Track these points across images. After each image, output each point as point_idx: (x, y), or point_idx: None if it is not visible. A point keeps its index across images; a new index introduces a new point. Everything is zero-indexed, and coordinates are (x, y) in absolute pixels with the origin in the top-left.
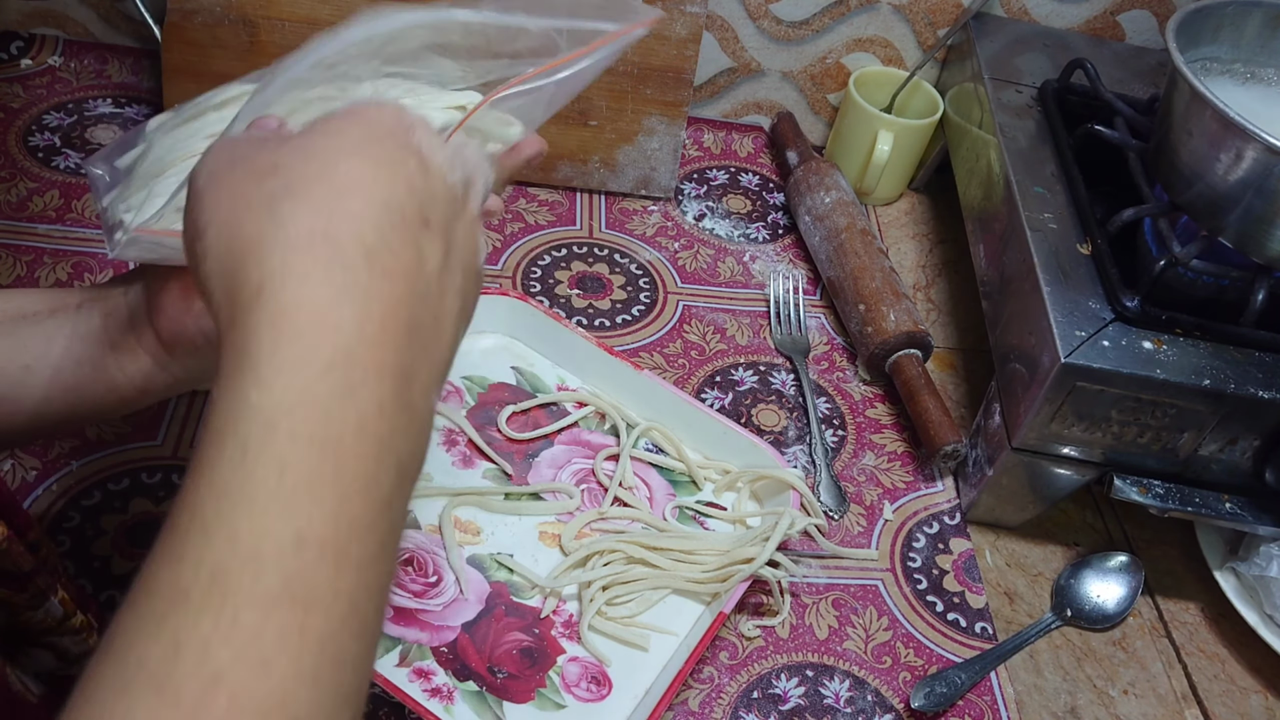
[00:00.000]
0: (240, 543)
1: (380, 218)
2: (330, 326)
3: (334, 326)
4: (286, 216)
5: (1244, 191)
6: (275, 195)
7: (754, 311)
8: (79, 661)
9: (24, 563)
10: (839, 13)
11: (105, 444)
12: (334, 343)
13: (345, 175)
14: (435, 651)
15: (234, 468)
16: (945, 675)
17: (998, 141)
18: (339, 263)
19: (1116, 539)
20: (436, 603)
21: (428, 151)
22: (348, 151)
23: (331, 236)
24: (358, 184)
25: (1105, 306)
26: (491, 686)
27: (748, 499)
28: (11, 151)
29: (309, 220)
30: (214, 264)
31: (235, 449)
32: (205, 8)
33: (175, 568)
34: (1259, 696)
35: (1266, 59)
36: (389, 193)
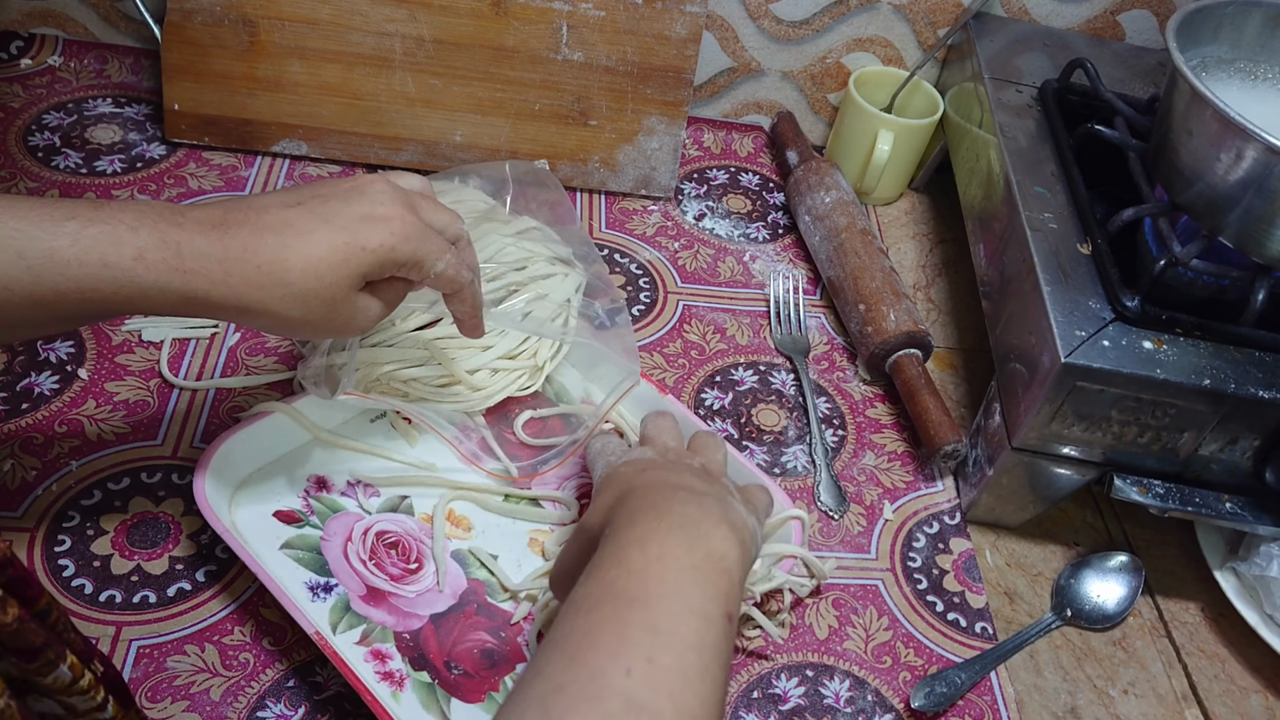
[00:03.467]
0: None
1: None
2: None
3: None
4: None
5: (1244, 191)
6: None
7: (754, 311)
8: (85, 716)
9: (35, 639)
10: (839, 12)
11: (105, 444)
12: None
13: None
14: (397, 636)
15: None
16: (945, 675)
17: (998, 141)
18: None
19: (1116, 539)
20: (411, 589)
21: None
22: (715, 519)
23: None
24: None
25: (1105, 306)
26: (444, 681)
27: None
28: (11, 151)
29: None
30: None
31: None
32: (205, 8)
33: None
34: (1259, 696)
35: (1266, 59)
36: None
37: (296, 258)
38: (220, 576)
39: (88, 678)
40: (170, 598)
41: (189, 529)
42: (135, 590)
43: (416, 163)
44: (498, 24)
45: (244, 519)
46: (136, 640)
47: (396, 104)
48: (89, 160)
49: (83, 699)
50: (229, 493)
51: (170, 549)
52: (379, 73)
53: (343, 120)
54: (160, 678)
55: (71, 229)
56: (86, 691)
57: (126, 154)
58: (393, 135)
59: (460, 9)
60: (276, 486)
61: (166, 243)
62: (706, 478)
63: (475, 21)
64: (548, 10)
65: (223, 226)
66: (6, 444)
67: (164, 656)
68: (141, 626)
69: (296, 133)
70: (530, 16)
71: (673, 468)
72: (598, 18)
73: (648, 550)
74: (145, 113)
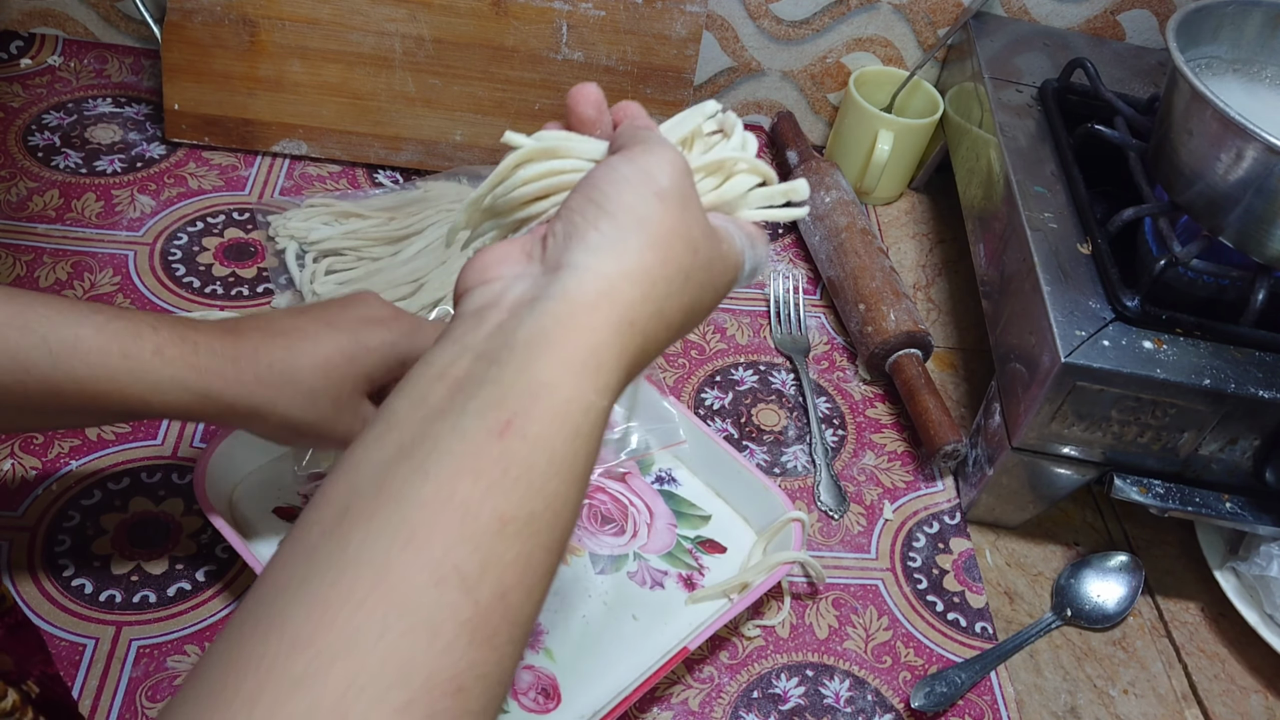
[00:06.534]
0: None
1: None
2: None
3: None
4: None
5: (1244, 191)
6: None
7: (754, 311)
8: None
9: None
10: (839, 12)
11: (105, 444)
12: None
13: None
14: None
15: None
16: (945, 675)
17: (998, 141)
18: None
19: (1116, 539)
20: None
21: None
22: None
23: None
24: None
25: (1105, 306)
26: None
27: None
28: (11, 151)
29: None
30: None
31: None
32: (205, 7)
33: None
34: (1259, 696)
35: (1266, 58)
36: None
37: (305, 358)
38: (221, 576)
39: (12, 698)
40: (170, 597)
41: (189, 529)
42: (135, 590)
43: (416, 163)
44: (498, 24)
45: (245, 517)
46: (136, 640)
47: (396, 104)
48: (89, 160)
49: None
50: (229, 491)
51: (170, 549)
52: (379, 73)
53: (343, 120)
54: (160, 677)
55: (97, 320)
56: (11, 714)
57: (126, 154)
58: (393, 135)
59: (460, 9)
60: (277, 484)
61: (184, 339)
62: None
63: (475, 21)
64: (548, 10)
65: (235, 332)
66: (6, 444)
67: (164, 656)
68: (141, 626)
69: (297, 132)
70: (530, 16)
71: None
72: (598, 17)
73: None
74: (145, 112)
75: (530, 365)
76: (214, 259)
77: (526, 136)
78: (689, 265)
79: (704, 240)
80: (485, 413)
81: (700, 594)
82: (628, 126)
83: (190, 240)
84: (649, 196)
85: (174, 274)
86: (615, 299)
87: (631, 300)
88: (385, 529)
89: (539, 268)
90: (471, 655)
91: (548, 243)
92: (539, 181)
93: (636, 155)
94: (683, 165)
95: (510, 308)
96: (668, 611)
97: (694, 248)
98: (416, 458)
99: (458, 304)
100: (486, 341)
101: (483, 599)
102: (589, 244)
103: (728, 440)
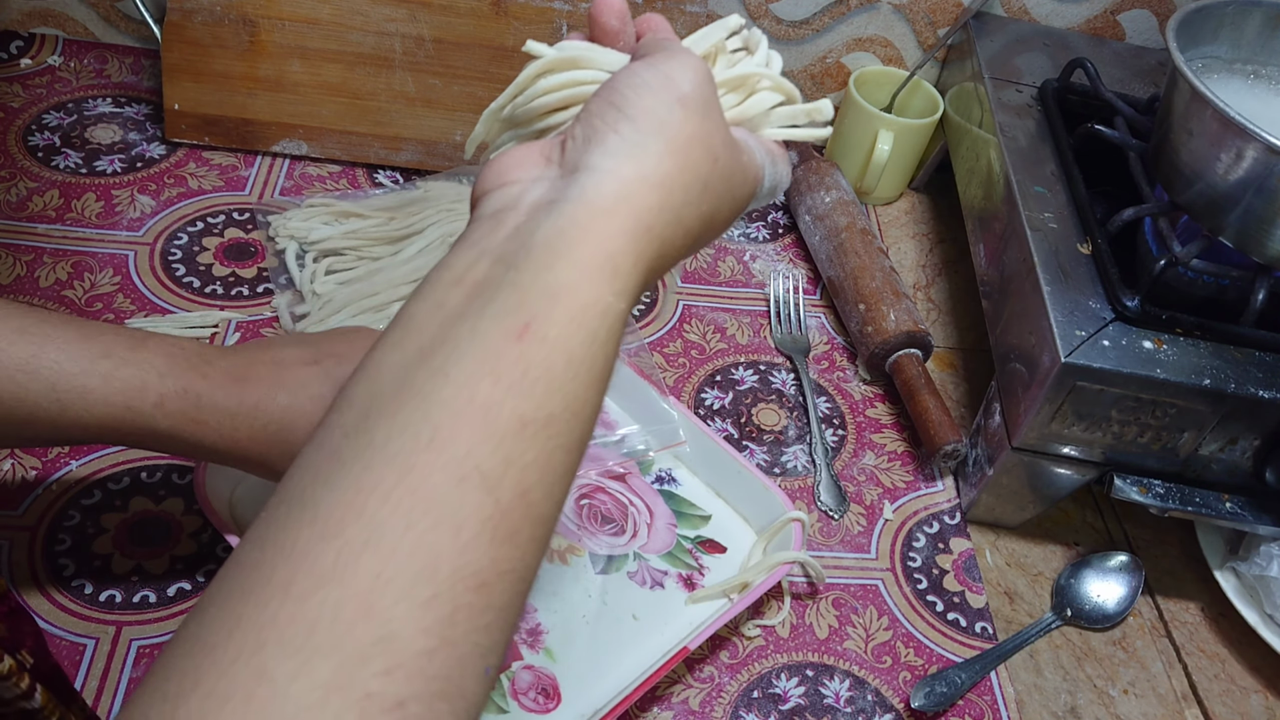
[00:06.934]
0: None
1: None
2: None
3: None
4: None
5: (1244, 191)
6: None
7: (754, 311)
8: (10, 704)
9: None
10: (839, 12)
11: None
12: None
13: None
14: None
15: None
16: (945, 675)
17: (998, 141)
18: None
19: (1116, 539)
20: None
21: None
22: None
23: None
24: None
25: (1105, 306)
26: None
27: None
28: (11, 151)
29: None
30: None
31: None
32: (205, 7)
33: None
34: (1259, 696)
35: (1266, 58)
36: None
37: (304, 421)
38: None
39: (8, 663)
40: (170, 597)
41: (189, 528)
42: (135, 590)
43: (416, 163)
44: (498, 24)
45: (245, 518)
46: (137, 640)
47: (396, 104)
48: (89, 160)
49: (3, 685)
50: (229, 491)
51: (170, 549)
52: (379, 72)
53: (343, 120)
54: None
55: (105, 369)
56: (7, 677)
57: (126, 154)
58: (393, 135)
59: (460, 9)
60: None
61: (188, 394)
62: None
63: (475, 21)
64: (548, 10)
65: (243, 381)
66: None
67: None
68: (141, 626)
69: (297, 132)
70: (530, 16)
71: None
72: None
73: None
74: (145, 112)
75: (548, 268)
76: (214, 259)
77: (549, 46)
78: (708, 174)
79: (724, 149)
80: (503, 316)
81: (700, 594)
82: (651, 38)
83: (190, 240)
84: (670, 102)
85: (174, 274)
86: (633, 203)
87: (649, 206)
88: (407, 429)
89: (557, 171)
90: (494, 552)
91: (567, 146)
92: (560, 92)
93: (659, 61)
94: (706, 73)
95: (528, 210)
96: (668, 611)
97: (714, 156)
98: (436, 360)
99: (475, 208)
100: (504, 244)
101: (504, 498)
102: (608, 147)
103: (728, 440)
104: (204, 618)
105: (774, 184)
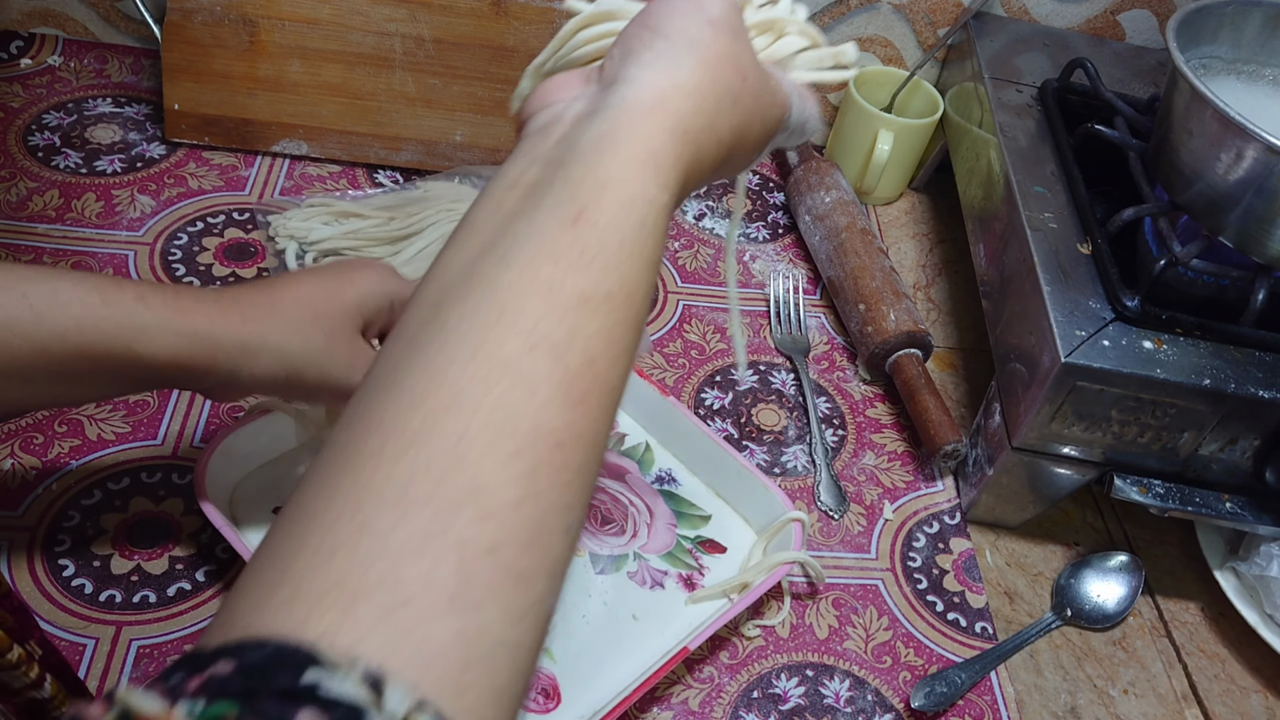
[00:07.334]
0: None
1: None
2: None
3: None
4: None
5: (1244, 191)
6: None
7: (754, 311)
8: (20, 694)
9: None
10: (839, 12)
11: (105, 444)
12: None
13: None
14: None
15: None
16: (945, 675)
17: (998, 141)
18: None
19: (1116, 539)
20: None
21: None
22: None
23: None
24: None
25: (1105, 306)
26: None
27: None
28: (11, 151)
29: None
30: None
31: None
32: (205, 7)
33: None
34: (1259, 696)
35: (1266, 58)
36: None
37: (289, 294)
38: (221, 576)
39: (17, 652)
40: (170, 597)
41: (189, 528)
42: (135, 590)
43: (416, 163)
44: (498, 24)
45: (245, 517)
46: (136, 640)
47: (396, 104)
48: (89, 160)
49: (12, 674)
50: (229, 491)
51: (170, 549)
52: (379, 73)
53: (343, 120)
54: None
55: (75, 275)
56: (17, 666)
57: (126, 154)
58: (393, 135)
59: (460, 9)
60: (277, 484)
61: (165, 290)
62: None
63: (475, 21)
64: (548, 10)
65: (216, 291)
66: (6, 444)
67: (164, 656)
68: (141, 626)
69: (297, 132)
70: (530, 16)
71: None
72: None
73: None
74: (145, 112)
75: (596, 165)
76: (214, 259)
77: (587, 1)
78: (738, 89)
79: (753, 69)
80: (558, 207)
81: (700, 594)
82: None
83: (190, 240)
84: (701, 22)
85: (174, 274)
86: (669, 107)
87: (684, 110)
88: (478, 309)
89: (597, 87)
90: (567, 415)
91: (605, 66)
92: (598, 43)
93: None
94: (733, 2)
95: (573, 120)
96: (668, 611)
97: (743, 74)
98: (499, 250)
99: (522, 130)
100: (553, 150)
101: (572, 364)
102: (644, 61)
103: (728, 440)
104: (303, 494)
105: (801, 120)
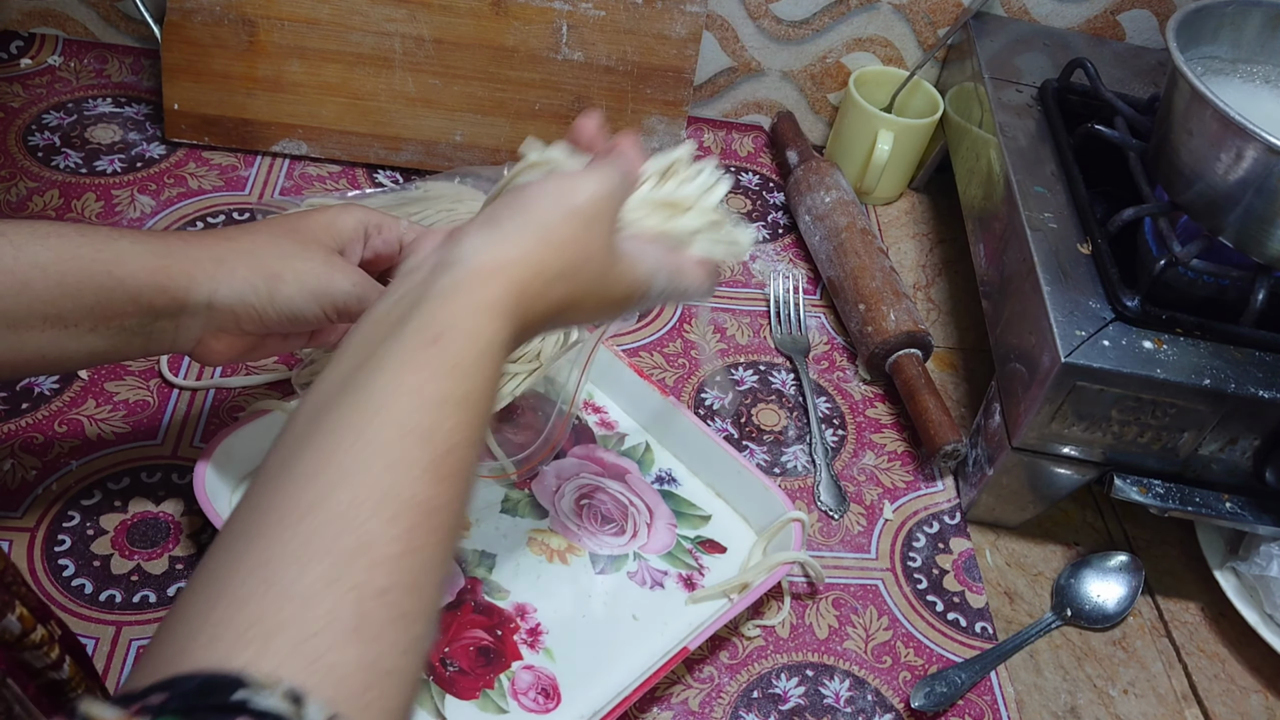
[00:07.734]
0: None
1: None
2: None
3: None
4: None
5: (1244, 191)
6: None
7: (754, 311)
8: (40, 674)
9: None
10: (839, 12)
11: (105, 444)
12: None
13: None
14: None
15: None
16: (945, 675)
17: (998, 141)
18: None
19: (1116, 539)
20: None
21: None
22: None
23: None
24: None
25: (1105, 306)
26: (439, 677)
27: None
28: (11, 151)
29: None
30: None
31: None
32: (205, 7)
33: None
34: (1259, 696)
35: (1266, 58)
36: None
37: (262, 223)
38: None
39: (40, 632)
40: (170, 597)
41: (189, 529)
42: (135, 590)
43: (416, 163)
44: (498, 24)
45: None
46: (137, 640)
47: (396, 104)
48: (89, 160)
49: (35, 654)
50: (229, 491)
51: (170, 549)
52: (379, 73)
53: (343, 120)
54: None
55: (52, 220)
56: (40, 646)
57: (126, 154)
58: (393, 135)
59: (460, 9)
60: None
61: (137, 229)
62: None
63: (475, 21)
64: (548, 10)
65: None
66: (6, 444)
67: None
68: (141, 626)
69: (296, 132)
70: (530, 16)
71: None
72: (598, 17)
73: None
74: (145, 113)
75: (450, 303)
76: None
77: (545, 145)
78: (578, 267)
79: (600, 253)
80: (419, 331)
81: (700, 594)
82: (609, 152)
83: None
84: (561, 209)
85: None
86: (510, 274)
87: (523, 278)
88: (356, 406)
89: (454, 244)
90: (435, 488)
91: (467, 228)
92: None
93: (577, 176)
94: (604, 192)
95: (430, 269)
96: (668, 611)
97: (588, 256)
98: (371, 364)
99: (396, 273)
100: (414, 292)
101: (439, 449)
102: (493, 236)
103: (728, 440)
104: (209, 564)
105: (672, 292)
